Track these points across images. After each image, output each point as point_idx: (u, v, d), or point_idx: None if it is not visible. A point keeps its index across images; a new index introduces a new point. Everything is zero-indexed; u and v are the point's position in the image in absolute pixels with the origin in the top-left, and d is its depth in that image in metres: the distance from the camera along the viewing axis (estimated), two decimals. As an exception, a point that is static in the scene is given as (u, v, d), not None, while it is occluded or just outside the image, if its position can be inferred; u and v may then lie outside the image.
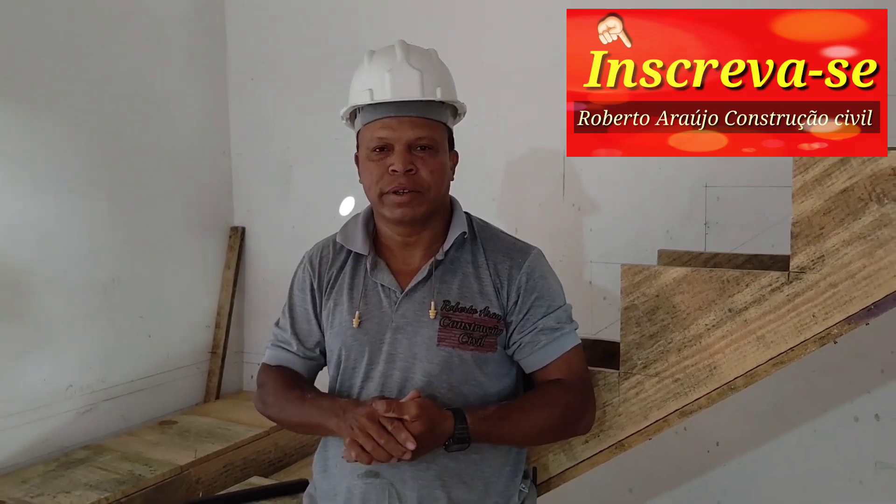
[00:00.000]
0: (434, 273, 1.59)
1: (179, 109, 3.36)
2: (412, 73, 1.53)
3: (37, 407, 2.78)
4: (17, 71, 2.71)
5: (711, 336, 1.68)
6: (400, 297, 1.59)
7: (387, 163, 1.53)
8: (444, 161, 1.59)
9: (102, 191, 3.00)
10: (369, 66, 1.57)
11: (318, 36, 3.32)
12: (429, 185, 1.54)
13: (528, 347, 1.61)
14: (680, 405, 1.73)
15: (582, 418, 1.65)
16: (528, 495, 1.70)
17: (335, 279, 1.66)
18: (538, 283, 1.61)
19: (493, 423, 1.52)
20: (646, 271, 1.74)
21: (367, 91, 1.54)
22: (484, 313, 1.58)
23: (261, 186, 3.56)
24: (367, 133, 1.56)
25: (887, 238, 1.52)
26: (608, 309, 2.64)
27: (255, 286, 3.60)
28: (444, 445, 1.49)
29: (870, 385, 2.40)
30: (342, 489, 1.60)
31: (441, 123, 1.58)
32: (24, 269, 2.73)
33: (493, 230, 1.70)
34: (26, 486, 2.50)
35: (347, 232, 1.67)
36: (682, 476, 2.73)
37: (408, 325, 1.58)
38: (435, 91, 1.54)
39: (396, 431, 1.41)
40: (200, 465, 2.68)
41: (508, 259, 1.62)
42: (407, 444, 1.40)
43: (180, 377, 3.36)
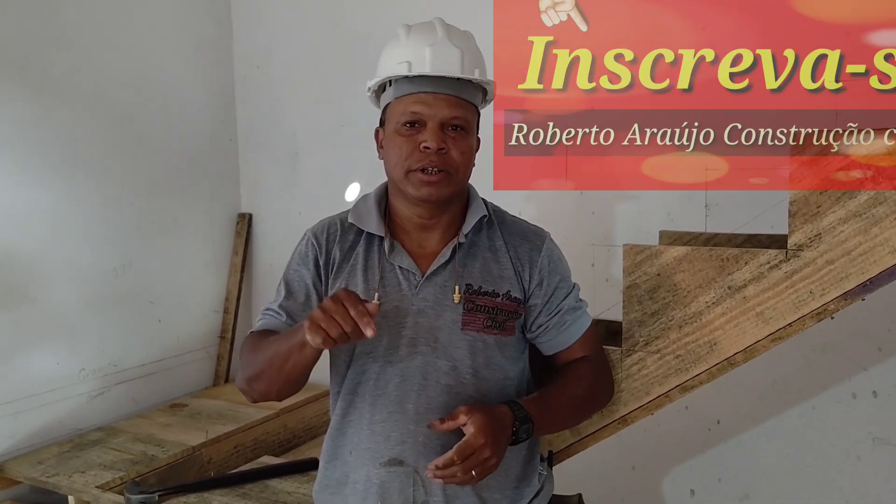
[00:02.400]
0: (455, 256, 1.56)
1: (187, 97, 3.40)
2: (454, 51, 1.49)
3: (51, 390, 2.83)
4: (30, 61, 2.75)
5: (711, 313, 1.73)
6: (420, 280, 1.55)
7: (418, 139, 1.48)
8: (473, 143, 1.55)
9: (113, 178, 3.05)
10: (407, 40, 1.53)
11: (324, 24, 3.35)
12: (458, 166, 1.50)
13: (555, 329, 1.62)
14: (681, 381, 1.78)
15: (609, 390, 1.74)
16: (546, 478, 1.70)
17: (345, 259, 1.59)
18: (558, 266, 1.63)
19: (543, 404, 1.53)
20: (647, 251, 1.78)
21: (405, 63, 1.49)
22: (506, 297, 1.56)
23: (267, 173, 3.60)
24: (400, 107, 1.51)
25: (882, 215, 1.55)
26: (610, 291, 2.67)
27: (262, 272, 3.65)
28: (513, 433, 1.44)
29: (867, 362, 2.45)
30: (359, 477, 1.55)
31: (474, 106, 1.54)
32: (36, 255, 2.78)
33: (506, 214, 1.68)
34: (42, 466, 2.55)
35: (360, 212, 1.61)
36: (683, 454, 2.78)
37: (429, 309, 1.53)
38: (474, 71, 1.51)
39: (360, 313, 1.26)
40: (212, 445, 2.73)
41: (527, 242, 1.62)
42: (366, 329, 1.25)
43: (190, 361, 3.41)
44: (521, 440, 1.46)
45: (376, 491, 1.53)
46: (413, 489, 1.52)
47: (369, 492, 1.54)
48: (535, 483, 1.64)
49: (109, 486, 2.38)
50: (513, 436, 1.44)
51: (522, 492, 1.61)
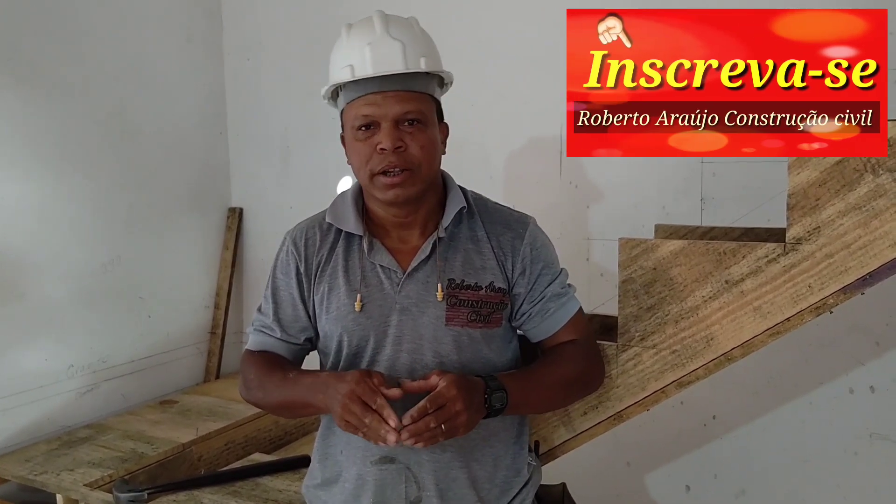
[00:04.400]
0: (436, 251, 1.55)
1: (177, 90, 3.36)
2: (394, 45, 1.46)
3: (39, 387, 2.79)
4: (17, 52, 2.71)
5: (708, 307, 1.70)
6: (402, 277, 1.53)
7: (374, 141, 1.46)
8: (434, 135, 1.52)
9: (102, 171, 3.01)
10: (348, 41, 1.51)
11: (315, 16, 3.32)
12: (420, 161, 1.47)
13: (539, 317, 1.60)
14: (677, 376, 1.75)
15: (599, 375, 1.70)
16: (535, 468, 1.70)
17: (326, 261, 1.59)
18: (542, 252, 1.61)
19: (521, 379, 1.51)
20: (643, 244, 1.76)
21: (348, 67, 1.47)
22: (490, 289, 1.54)
23: (258, 167, 3.57)
24: (351, 111, 1.49)
25: (882, 208, 1.53)
26: (606, 285, 2.66)
27: (253, 267, 3.62)
28: (486, 404, 1.41)
29: (865, 357, 2.43)
30: (351, 475, 1.55)
31: (428, 95, 1.51)
32: (24, 250, 2.75)
33: (488, 202, 1.66)
34: (29, 464, 2.51)
35: (337, 211, 1.61)
36: (679, 449, 2.76)
37: (413, 307, 1.52)
38: (419, 62, 1.47)
39: (380, 408, 1.34)
40: (202, 442, 2.70)
41: (509, 230, 1.59)
42: (389, 420, 1.32)
43: (180, 357, 3.37)
44: (494, 409, 1.43)
45: (369, 489, 1.53)
46: (405, 486, 1.52)
47: (362, 490, 1.54)
48: (524, 473, 1.65)
49: (98, 484, 2.35)
50: (486, 402, 1.42)
51: (512, 481, 1.62)
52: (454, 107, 1.68)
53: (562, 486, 1.84)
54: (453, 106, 1.68)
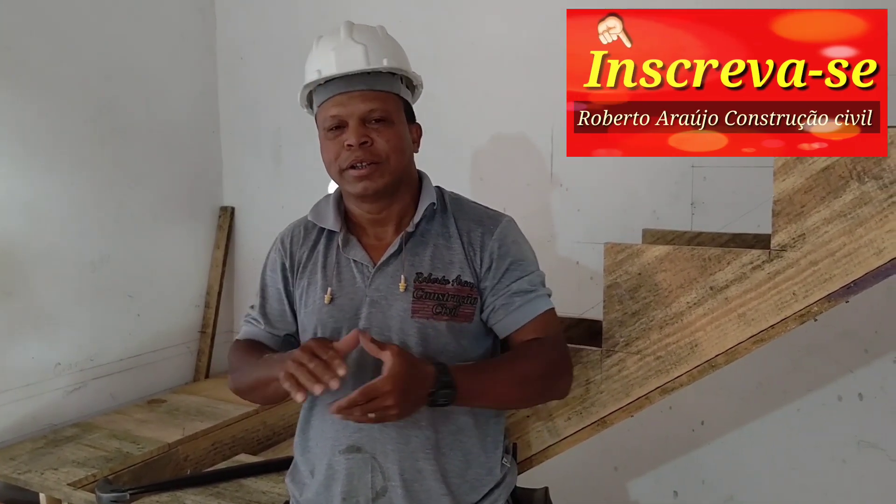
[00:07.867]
0: (405, 246, 1.59)
1: (169, 89, 3.35)
2: (356, 48, 1.54)
3: (25, 385, 2.79)
4: (7, 48, 2.70)
5: (693, 314, 1.69)
6: (372, 271, 1.59)
7: (342, 139, 1.53)
8: (402, 132, 1.57)
9: (92, 169, 3.00)
10: (317, 49, 1.60)
11: (308, 15, 3.31)
12: (386, 154, 1.53)
13: (503, 310, 1.59)
14: (661, 382, 1.74)
15: (562, 377, 1.62)
16: (510, 469, 1.70)
17: (307, 258, 1.66)
18: (511, 249, 1.60)
19: (475, 373, 1.50)
20: (628, 249, 1.75)
21: (316, 72, 1.56)
22: (457, 282, 1.57)
23: (250, 166, 3.56)
24: (322, 114, 1.57)
25: (867, 216, 1.52)
26: (595, 289, 2.62)
27: (244, 266, 3.61)
28: (430, 395, 1.41)
29: (853, 364, 2.42)
30: (322, 466, 1.59)
31: (393, 94, 1.57)
32: (13, 247, 2.74)
33: (466, 202, 1.69)
34: (14, 462, 2.51)
35: (319, 210, 1.68)
36: (667, 455, 2.75)
37: (382, 299, 1.57)
38: (381, 61, 1.54)
39: (330, 358, 1.35)
40: (188, 442, 2.69)
41: (480, 226, 1.61)
42: (338, 370, 1.33)
43: (170, 356, 3.36)
44: (438, 404, 1.43)
45: (339, 479, 1.57)
46: (371, 475, 1.55)
47: (332, 480, 1.58)
48: (496, 472, 1.65)
49: (81, 483, 2.34)
50: (430, 397, 1.41)
51: (483, 479, 1.62)
52: (444, 109, 1.68)
53: (544, 490, 1.83)
54: (443, 109, 1.69)
